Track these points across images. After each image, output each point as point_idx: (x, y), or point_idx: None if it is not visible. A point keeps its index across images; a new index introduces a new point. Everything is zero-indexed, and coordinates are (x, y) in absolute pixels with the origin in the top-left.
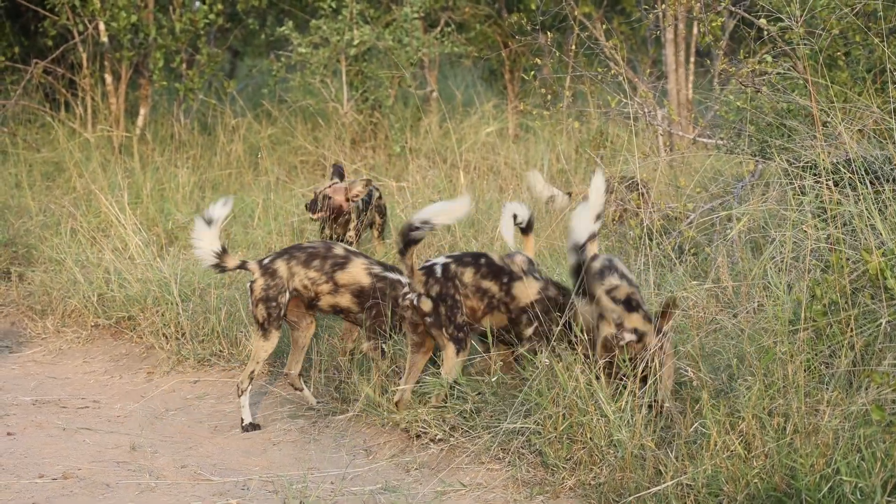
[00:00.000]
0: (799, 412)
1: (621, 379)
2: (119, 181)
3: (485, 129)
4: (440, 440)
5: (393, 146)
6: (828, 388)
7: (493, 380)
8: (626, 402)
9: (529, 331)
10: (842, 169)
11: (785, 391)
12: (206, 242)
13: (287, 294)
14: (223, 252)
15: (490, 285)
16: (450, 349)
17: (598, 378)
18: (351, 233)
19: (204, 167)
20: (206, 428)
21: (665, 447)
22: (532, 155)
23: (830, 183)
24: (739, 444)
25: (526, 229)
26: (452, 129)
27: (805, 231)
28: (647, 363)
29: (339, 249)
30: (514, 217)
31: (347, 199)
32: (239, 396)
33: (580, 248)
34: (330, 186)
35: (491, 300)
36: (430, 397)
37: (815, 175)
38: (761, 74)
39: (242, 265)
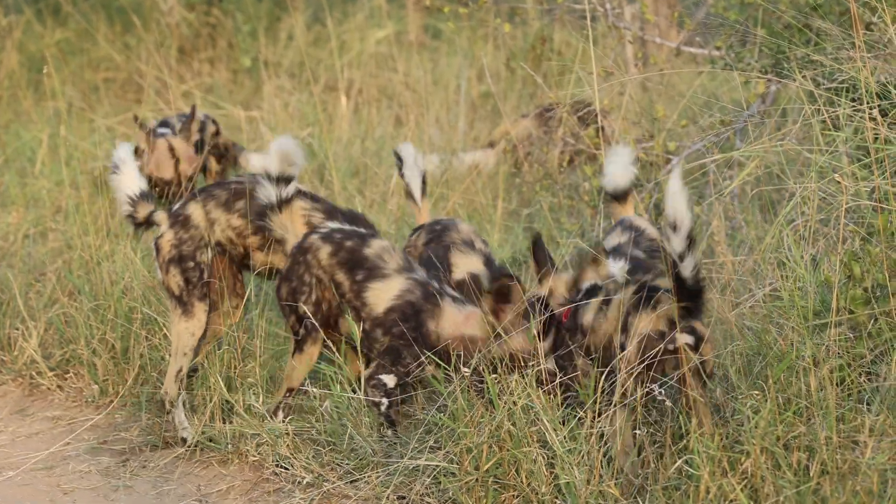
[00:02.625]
0: (829, 445)
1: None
2: None
3: (374, 33)
4: (309, 485)
5: (240, 58)
6: (870, 410)
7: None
8: (580, 427)
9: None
10: (893, 92)
11: (808, 414)
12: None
13: (208, 250)
14: (142, 197)
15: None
16: (291, 344)
17: (540, 390)
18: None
19: None
20: None
21: (636, 495)
22: (443, 72)
23: (876, 112)
24: (742, 490)
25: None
26: (329, 33)
27: (839, 182)
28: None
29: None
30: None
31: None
32: (168, 413)
33: None
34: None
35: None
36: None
37: (853, 100)
38: None
39: (149, 219)
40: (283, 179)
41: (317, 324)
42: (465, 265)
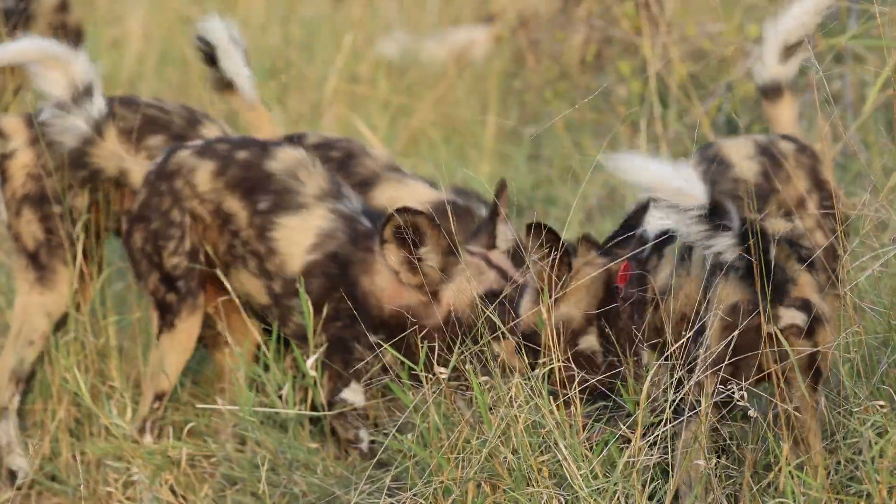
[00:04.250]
0: None
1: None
2: None
3: None
4: None
5: None
6: None
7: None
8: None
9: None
10: None
11: None
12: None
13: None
14: None
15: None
16: (154, 319)
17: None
18: None
19: None
20: None
21: None
22: None
23: None
24: None
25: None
26: None
27: None
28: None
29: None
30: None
31: None
32: None
33: None
34: None
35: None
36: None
37: None
38: None
39: None
40: (82, 92)
41: (196, 282)
42: (413, 200)
